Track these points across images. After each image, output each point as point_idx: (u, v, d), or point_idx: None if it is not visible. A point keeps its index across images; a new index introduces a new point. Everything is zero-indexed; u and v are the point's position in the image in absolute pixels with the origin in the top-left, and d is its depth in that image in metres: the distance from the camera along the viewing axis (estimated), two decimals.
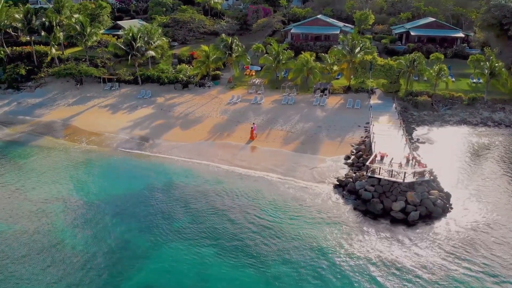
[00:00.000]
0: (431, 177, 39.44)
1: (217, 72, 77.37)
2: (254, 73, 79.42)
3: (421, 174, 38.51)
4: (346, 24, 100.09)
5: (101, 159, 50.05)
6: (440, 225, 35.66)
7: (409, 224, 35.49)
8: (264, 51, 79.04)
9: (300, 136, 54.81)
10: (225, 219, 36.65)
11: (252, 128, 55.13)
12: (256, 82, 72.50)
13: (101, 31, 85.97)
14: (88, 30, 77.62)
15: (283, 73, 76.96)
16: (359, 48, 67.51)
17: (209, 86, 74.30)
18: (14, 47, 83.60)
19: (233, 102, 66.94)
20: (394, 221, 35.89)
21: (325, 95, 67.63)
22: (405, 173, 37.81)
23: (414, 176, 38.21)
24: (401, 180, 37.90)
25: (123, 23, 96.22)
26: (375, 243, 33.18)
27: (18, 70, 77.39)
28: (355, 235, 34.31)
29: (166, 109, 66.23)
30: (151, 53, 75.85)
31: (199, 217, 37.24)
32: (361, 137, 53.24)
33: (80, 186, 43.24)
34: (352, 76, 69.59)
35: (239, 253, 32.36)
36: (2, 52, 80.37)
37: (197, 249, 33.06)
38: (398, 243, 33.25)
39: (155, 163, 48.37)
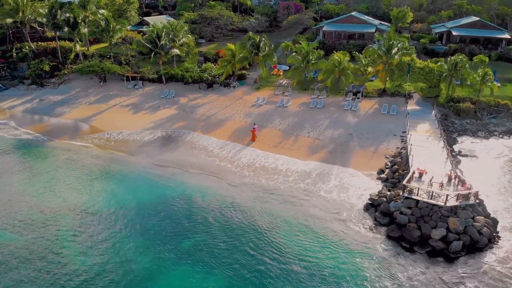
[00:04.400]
0: (477, 201, 34.60)
1: (243, 71, 73.85)
2: (282, 73, 75.50)
3: (466, 197, 33.76)
4: (382, 22, 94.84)
5: (114, 165, 47.27)
6: (486, 259, 30.87)
7: (450, 257, 30.87)
8: (294, 50, 74.77)
9: (328, 144, 50.54)
10: (239, 242, 33.02)
11: (253, 128, 52.60)
12: (284, 83, 68.54)
13: (128, 27, 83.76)
14: (112, 26, 75.30)
15: (312, 73, 72.61)
16: (396, 48, 62.40)
17: (234, 86, 70.84)
18: (40, 43, 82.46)
19: (258, 104, 63.21)
20: (433, 253, 31.27)
21: (358, 98, 62.91)
22: (447, 196, 33.14)
23: (457, 200, 33.49)
24: (442, 203, 33.24)
25: (150, 19, 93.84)
26: (409, 283, 28.72)
27: (42, 66, 75.96)
28: (385, 269, 29.86)
29: (189, 110, 63.16)
30: (176, 51, 72.90)
31: (211, 236, 33.78)
32: (397, 147, 48.47)
33: (90, 194, 40.49)
34: (387, 79, 64.57)
35: (252, 283, 28.74)
36: (27, 48, 79.38)
37: (206, 274, 29.67)
38: (438, 283, 28.70)
39: (171, 172, 45.23)
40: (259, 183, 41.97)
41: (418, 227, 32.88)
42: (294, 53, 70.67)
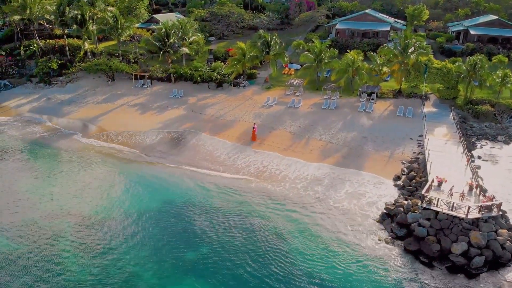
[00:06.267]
0: (500, 212, 32.49)
1: (253, 70, 71.96)
2: (293, 72, 73.52)
3: (488, 208, 31.67)
4: (397, 20, 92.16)
5: (117, 166, 45.82)
6: (509, 275, 28.83)
7: (472, 273, 28.88)
8: (306, 48, 72.58)
9: (341, 148, 48.57)
10: (244, 254, 31.31)
11: (253, 128, 51.40)
12: (295, 82, 66.60)
13: (136, 25, 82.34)
14: (120, 23, 73.90)
15: (325, 73, 70.48)
16: (412, 47, 60.04)
17: (244, 86, 69.08)
18: (48, 40, 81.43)
19: (268, 105, 61.37)
20: (453, 269, 29.31)
21: (372, 99, 60.72)
22: (469, 207, 31.05)
23: (479, 211, 31.43)
24: (464, 216, 31.19)
25: (159, 16, 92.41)
26: None
27: (50, 64, 74.95)
28: (402, 287, 27.98)
29: (197, 110, 61.55)
30: (185, 49, 71.32)
31: (216, 248, 32.05)
32: (414, 152, 46.30)
33: (92, 200, 39.08)
34: (403, 79, 62.23)
35: None
36: (35, 45, 78.42)
37: None
38: None
39: (177, 175, 43.67)
40: (267, 189, 40.21)
41: (437, 241, 30.89)
42: (306, 52, 68.65)
